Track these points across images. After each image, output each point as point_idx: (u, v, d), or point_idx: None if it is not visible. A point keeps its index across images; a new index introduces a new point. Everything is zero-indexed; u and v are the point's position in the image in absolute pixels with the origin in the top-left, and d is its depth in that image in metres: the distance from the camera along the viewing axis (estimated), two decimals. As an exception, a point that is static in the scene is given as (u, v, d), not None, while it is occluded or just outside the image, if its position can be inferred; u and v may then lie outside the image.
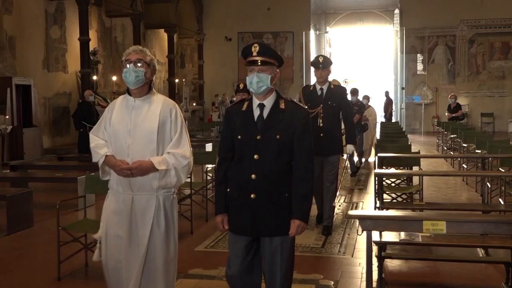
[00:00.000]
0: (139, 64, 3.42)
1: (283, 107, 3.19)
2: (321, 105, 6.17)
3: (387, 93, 22.54)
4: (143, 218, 3.43)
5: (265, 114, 3.19)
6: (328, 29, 25.05)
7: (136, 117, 3.45)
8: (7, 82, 12.77)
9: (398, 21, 22.34)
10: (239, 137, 3.20)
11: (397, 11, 22.45)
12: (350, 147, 6.38)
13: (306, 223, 3.21)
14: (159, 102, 3.49)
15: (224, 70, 23.21)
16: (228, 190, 3.26)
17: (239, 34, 23.02)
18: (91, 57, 16.27)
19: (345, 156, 6.46)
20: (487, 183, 6.53)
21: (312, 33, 23.00)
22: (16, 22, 13.94)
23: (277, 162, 3.15)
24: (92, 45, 16.44)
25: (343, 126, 6.55)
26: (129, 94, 3.52)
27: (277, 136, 3.13)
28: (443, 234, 4.04)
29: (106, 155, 3.46)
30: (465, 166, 10.58)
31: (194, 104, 22.92)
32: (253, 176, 3.13)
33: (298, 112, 3.20)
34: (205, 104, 23.36)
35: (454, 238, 4.33)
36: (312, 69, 6.58)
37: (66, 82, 16.26)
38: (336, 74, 22.14)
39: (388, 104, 22.33)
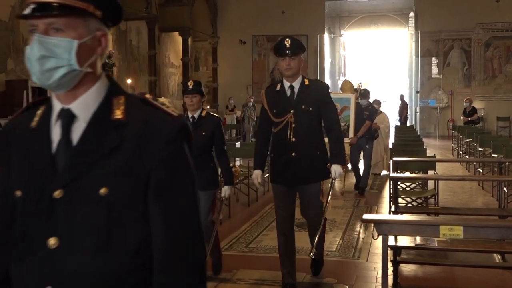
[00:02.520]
0: None
1: (121, 116, 1.36)
2: (291, 111, 4.27)
3: (402, 97, 22.41)
4: None
5: (75, 136, 1.35)
6: (342, 32, 25.00)
7: None
8: (23, 84, 12.88)
9: (413, 24, 22.22)
10: (18, 193, 1.37)
11: (412, 14, 22.34)
12: (336, 169, 4.32)
13: None
14: None
15: (238, 73, 23.24)
16: None
17: (253, 37, 23.02)
18: (106, 60, 16.36)
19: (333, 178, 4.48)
20: (504, 188, 6.46)
21: (326, 36, 22.97)
22: (32, 25, 14.06)
23: (105, 256, 1.30)
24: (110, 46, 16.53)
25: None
26: None
27: (101, 191, 1.30)
28: (459, 239, 4.00)
29: None
30: (481, 171, 10.48)
31: (208, 107, 22.98)
32: None
33: (157, 129, 1.35)
34: (219, 107, 23.41)
35: (470, 243, 4.29)
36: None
37: (82, 85, 16.36)
38: (351, 78, 22.09)
39: (403, 108, 22.20)
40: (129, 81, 18.89)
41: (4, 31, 13.10)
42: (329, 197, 4.55)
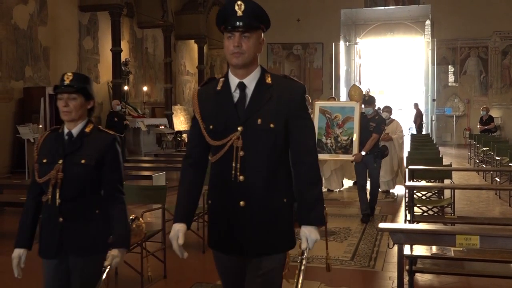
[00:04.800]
0: None
1: None
2: (238, 129, 2.46)
3: (416, 105, 22.28)
4: None
5: None
6: (358, 40, 24.97)
7: None
8: (41, 91, 13.04)
9: (429, 32, 22.14)
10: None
11: (428, 22, 22.26)
12: (310, 234, 2.47)
13: None
14: None
15: (253, 81, 23.26)
16: None
17: (269, 45, 23.07)
18: (123, 68, 16.50)
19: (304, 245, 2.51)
20: (522, 197, 6.39)
21: (342, 44, 22.96)
22: (50, 33, 14.24)
23: None
24: (124, 55, 16.68)
25: None
26: None
27: None
28: (476, 249, 3.96)
29: None
30: (498, 180, 10.38)
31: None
32: None
33: None
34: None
35: (487, 253, 4.25)
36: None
37: (98, 92, 16.50)
38: (366, 86, 22.00)
39: (417, 116, 22.08)
40: (145, 88, 19.02)
41: (23, 39, 13.27)
42: (300, 280, 2.42)
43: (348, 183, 10.75)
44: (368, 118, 7.62)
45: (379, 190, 8.20)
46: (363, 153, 7.50)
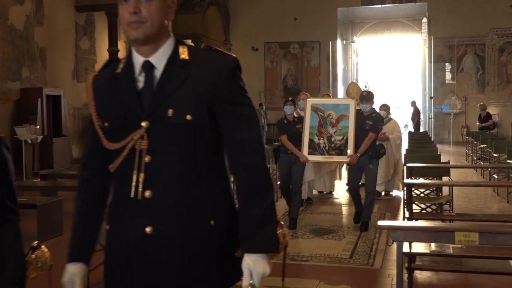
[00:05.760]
0: None
1: None
2: (142, 124, 1.76)
3: (413, 103, 22.29)
4: None
5: None
6: (355, 38, 24.97)
7: None
8: (38, 92, 13.02)
9: (426, 30, 22.15)
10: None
11: (425, 20, 22.26)
12: (255, 265, 1.73)
13: None
14: None
15: (250, 80, 23.24)
16: None
17: (266, 44, 23.06)
18: (120, 68, 16.46)
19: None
20: (520, 194, 6.40)
21: (339, 42, 22.95)
22: (47, 34, 14.21)
23: None
24: (121, 56, 16.63)
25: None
26: None
27: None
28: (475, 246, 3.96)
29: None
30: (496, 177, 10.40)
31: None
32: None
33: None
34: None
35: (486, 250, 4.24)
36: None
37: (95, 93, 16.49)
38: (363, 84, 21.99)
39: (415, 114, 22.10)
40: (142, 88, 19.02)
41: (19, 39, 13.25)
42: None
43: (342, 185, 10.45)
44: (365, 115, 6.94)
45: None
46: (358, 154, 6.82)
